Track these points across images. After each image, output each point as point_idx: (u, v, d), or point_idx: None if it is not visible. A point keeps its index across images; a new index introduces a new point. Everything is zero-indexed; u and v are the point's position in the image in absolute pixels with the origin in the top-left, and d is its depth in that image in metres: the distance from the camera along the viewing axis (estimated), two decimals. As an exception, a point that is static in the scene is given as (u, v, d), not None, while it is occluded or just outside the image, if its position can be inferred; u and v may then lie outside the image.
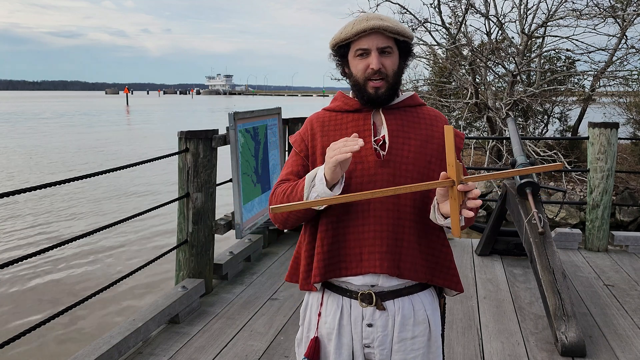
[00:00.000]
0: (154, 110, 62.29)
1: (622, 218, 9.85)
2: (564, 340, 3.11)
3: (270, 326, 3.49)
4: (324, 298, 1.62)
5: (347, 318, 1.58)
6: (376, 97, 1.56)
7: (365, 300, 1.55)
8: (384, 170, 1.54)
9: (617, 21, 11.06)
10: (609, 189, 5.17)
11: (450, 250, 1.66)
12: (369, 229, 1.53)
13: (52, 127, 33.09)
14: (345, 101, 1.66)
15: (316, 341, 1.61)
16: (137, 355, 3.08)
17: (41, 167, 16.41)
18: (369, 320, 1.56)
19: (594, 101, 13.18)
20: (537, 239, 3.69)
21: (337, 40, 1.58)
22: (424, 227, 1.58)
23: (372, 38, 1.53)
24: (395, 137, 1.57)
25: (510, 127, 4.92)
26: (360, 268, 1.54)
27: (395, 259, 1.53)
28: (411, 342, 1.57)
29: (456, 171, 1.31)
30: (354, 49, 1.56)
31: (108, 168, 3.31)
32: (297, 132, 1.72)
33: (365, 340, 1.57)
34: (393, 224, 1.53)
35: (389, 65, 1.55)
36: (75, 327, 5.51)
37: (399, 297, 1.57)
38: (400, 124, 1.60)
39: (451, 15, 12.11)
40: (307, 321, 1.68)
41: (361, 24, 1.52)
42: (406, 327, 1.57)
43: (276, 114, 5.16)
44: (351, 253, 1.55)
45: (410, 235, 1.55)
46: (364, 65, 1.55)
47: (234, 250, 4.53)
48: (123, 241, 8.64)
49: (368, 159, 1.55)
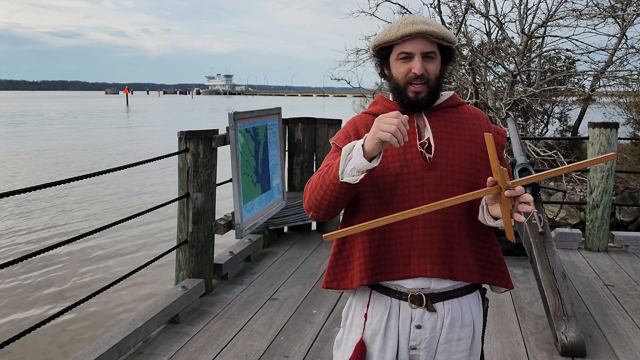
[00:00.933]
0: (154, 110, 62.28)
1: (622, 218, 9.85)
2: (564, 340, 3.10)
3: (270, 326, 3.49)
4: (370, 299, 1.60)
5: (394, 319, 1.56)
6: (416, 102, 1.55)
7: (416, 301, 1.54)
8: (430, 174, 1.53)
9: (617, 21, 11.05)
10: (609, 189, 5.17)
11: (500, 248, 1.65)
12: (417, 232, 1.52)
13: (57, 127, 33.02)
14: (386, 105, 1.64)
15: (362, 345, 1.58)
16: (137, 355, 3.08)
17: (49, 167, 16.41)
18: (418, 322, 1.54)
19: (594, 101, 13.17)
20: (537, 239, 3.69)
21: (381, 42, 1.56)
22: (473, 227, 1.57)
23: (417, 42, 1.51)
24: (440, 140, 1.56)
25: (510, 127, 4.92)
26: (409, 272, 1.53)
27: (447, 261, 1.53)
28: (456, 344, 1.57)
29: (501, 177, 1.29)
30: (396, 51, 1.54)
31: (108, 168, 3.30)
32: (338, 132, 1.68)
33: (412, 342, 1.56)
34: (443, 227, 1.52)
35: (432, 70, 1.54)
36: (76, 327, 5.51)
37: (449, 299, 1.56)
38: (443, 126, 1.59)
39: (451, 15, 12.10)
40: (349, 322, 1.65)
41: (407, 28, 1.50)
42: (454, 329, 1.56)
43: (276, 114, 5.16)
44: (399, 256, 1.54)
45: (461, 237, 1.54)
46: (406, 69, 1.53)
47: (234, 250, 4.53)
48: (123, 241, 8.64)
49: (414, 162, 1.54)
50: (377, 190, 1.54)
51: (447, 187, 1.52)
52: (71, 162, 17.41)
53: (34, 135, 27.40)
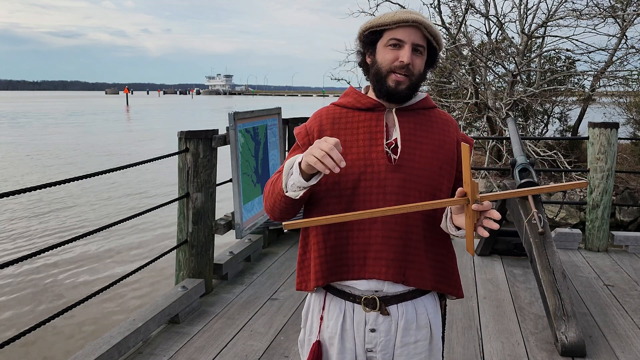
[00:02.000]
0: (154, 110, 62.27)
1: (622, 218, 9.85)
2: (564, 340, 3.10)
3: (270, 326, 3.49)
4: (326, 301, 1.59)
5: (349, 322, 1.55)
6: (395, 92, 1.51)
7: (369, 305, 1.52)
8: (394, 176, 1.49)
9: (617, 21, 11.05)
10: (609, 189, 5.17)
11: (455, 257, 1.64)
12: (376, 233, 1.49)
13: (64, 127, 32.97)
14: (357, 98, 1.60)
15: (318, 345, 1.58)
16: (137, 355, 3.08)
17: (57, 167, 16.41)
18: (372, 325, 1.53)
19: (594, 101, 13.16)
20: (537, 239, 3.69)
21: (374, 24, 1.52)
22: (431, 234, 1.55)
23: (410, 32, 1.48)
24: (407, 141, 1.53)
25: (510, 127, 4.92)
26: (364, 272, 1.51)
27: (402, 265, 1.51)
28: (414, 347, 1.56)
29: (471, 190, 1.29)
30: (387, 37, 1.50)
31: (109, 168, 3.30)
32: (302, 125, 1.64)
33: (367, 345, 1.55)
34: (402, 230, 1.50)
35: (417, 64, 1.51)
36: (75, 327, 5.51)
37: (403, 302, 1.54)
38: (413, 128, 1.55)
39: (451, 15, 12.10)
40: (309, 324, 1.65)
41: (403, 15, 1.48)
42: (409, 331, 1.55)
43: (276, 114, 5.16)
44: (355, 257, 1.52)
45: (418, 242, 1.52)
46: (394, 56, 1.49)
47: (234, 250, 4.53)
48: (123, 241, 8.64)
49: (379, 162, 1.50)
50: (338, 188, 1.51)
51: (409, 191, 1.49)
52: (81, 162, 17.42)
53: (40, 135, 27.40)
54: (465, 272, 4.51)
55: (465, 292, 4.09)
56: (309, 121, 1.63)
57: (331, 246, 1.53)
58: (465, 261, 4.81)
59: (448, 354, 3.12)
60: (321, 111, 1.64)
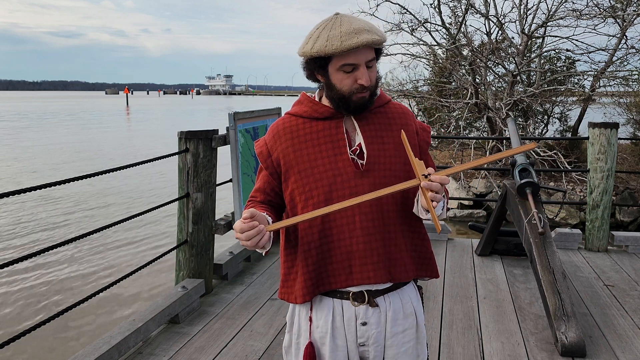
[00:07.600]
0: (154, 110, 62.24)
1: (622, 218, 9.86)
2: (564, 340, 3.10)
3: (270, 326, 3.49)
4: (313, 303, 1.60)
5: (339, 320, 1.57)
6: (362, 107, 1.52)
7: (358, 299, 1.55)
8: (364, 181, 1.51)
9: (617, 21, 11.06)
10: (609, 189, 5.17)
11: (429, 239, 1.67)
12: (357, 241, 1.52)
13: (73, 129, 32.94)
14: (314, 107, 1.58)
15: (311, 347, 1.59)
16: (137, 355, 3.08)
17: (63, 166, 16.42)
18: (363, 319, 1.55)
19: (594, 101, 13.17)
20: (537, 239, 3.69)
21: (321, 53, 1.44)
22: (408, 227, 1.59)
23: (361, 53, 1.44)
24: (371, 145, 1.54)
25: (510, 127, 4.92)
26: (352, 280, 1.53)
27: (387, 265, 1.54)
28: (402, 335, 1.59)
29: (417, 168, 1.35)
30: (338, 63, 1.45)
31: (111, 167, 3.31)
32: (262, 140, 1.63)
33: (360, 339, 1.57)
34: (381, 232, 1.52)
35: (373, 77, 1.51)
36: (75, 327, 5.51)
37: (388, 293, 1.58)
38: (373, 129, 1.56)
39: (451, 15, 12.11)
40: (296, 327, 1.65)
41: (352, 40, 1.40)
42: (397, 321, 1.58)
43: (276, 114, 5.16)
44: (340, 267, 1.54)
45: (397, 239, 1.55)
46: (351, 81, 1.47)
47: (234, 250, 4.53)
48: (123, 241, 8.64)
49: (347, 170, 1.51)
50: (312, 203, 1.52)
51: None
52: (90, 161, 17.42)
53: (45, 135, 27.41)
54: (465, 272, 4.51)
55: (466, 292, 4.09)
56: (268, 138, 1.62)
57: (313, 262, 1.55)
58: (466, 261, 4.81)
59: (448, 354, 3.12)
60: (277, 125, 1.62)
